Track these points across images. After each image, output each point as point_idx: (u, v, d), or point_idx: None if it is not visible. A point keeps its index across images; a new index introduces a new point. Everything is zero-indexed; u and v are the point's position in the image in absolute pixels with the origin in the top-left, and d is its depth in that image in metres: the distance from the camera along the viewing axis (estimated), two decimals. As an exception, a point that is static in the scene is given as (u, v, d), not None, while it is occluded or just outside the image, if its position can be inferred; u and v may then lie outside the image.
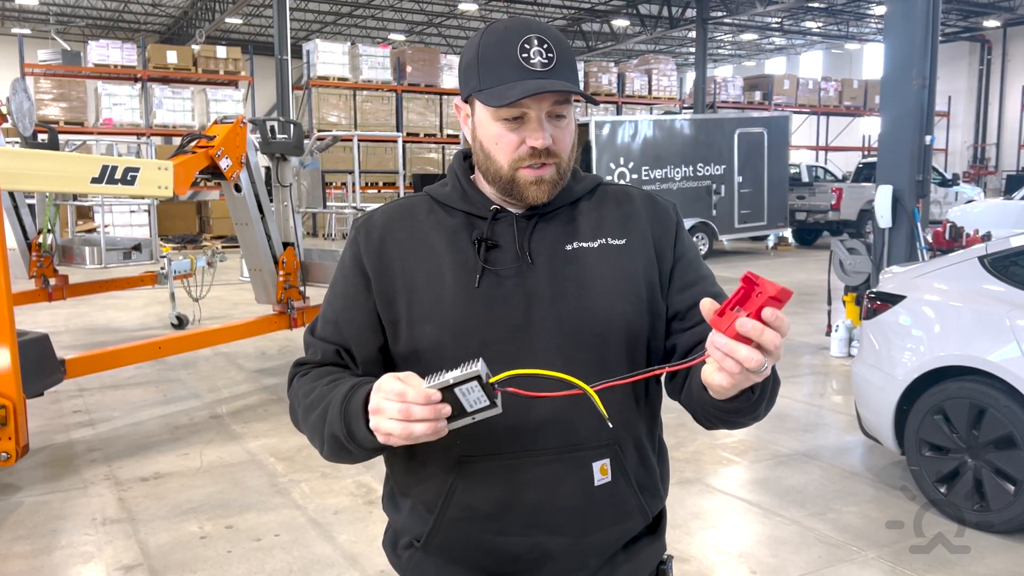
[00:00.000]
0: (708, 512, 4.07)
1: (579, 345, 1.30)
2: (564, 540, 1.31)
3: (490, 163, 1.32)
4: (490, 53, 1.27)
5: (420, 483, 1.35)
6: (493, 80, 1.26)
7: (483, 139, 1.31)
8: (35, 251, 7.98)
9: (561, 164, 1.31)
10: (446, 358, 1.28)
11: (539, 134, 1.26)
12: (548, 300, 1.30)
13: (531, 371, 1.14)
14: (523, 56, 1.24)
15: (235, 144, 5.90)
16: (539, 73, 1.24)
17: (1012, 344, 3.67)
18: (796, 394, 6.19)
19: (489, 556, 1.33)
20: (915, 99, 7.35)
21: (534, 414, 1.27)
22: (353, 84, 18.79)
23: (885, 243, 7.54)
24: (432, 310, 1.30)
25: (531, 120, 1.26)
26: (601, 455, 1.31)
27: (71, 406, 5.95)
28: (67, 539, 3.78)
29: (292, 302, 6.57)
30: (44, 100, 17.23)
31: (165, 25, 30.00)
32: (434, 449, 1.31)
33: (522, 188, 1.30)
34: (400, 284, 1.33)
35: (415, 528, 1.36)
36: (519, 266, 1.31)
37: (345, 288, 1.38)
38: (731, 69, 38.58)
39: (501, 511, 1.29)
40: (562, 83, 1.24)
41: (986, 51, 30.44)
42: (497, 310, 1.29)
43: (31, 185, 5.24)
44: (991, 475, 3.75)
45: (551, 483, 1.29)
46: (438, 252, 1.33)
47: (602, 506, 1.31)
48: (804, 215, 17.96)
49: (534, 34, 1.25)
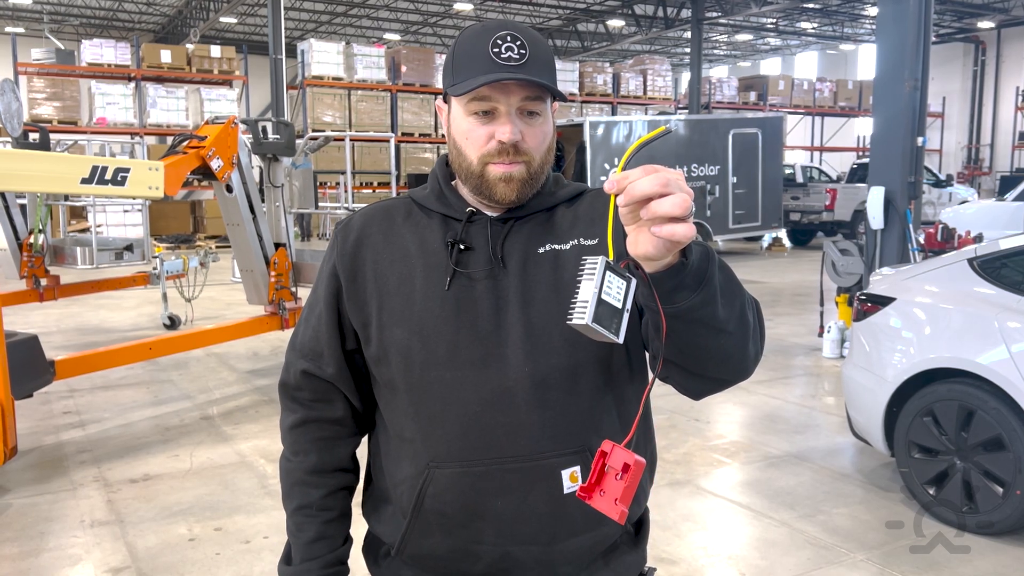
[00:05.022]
0: (698, 514, 4.07)
1: (549, 350, 1.28)
2: (534, 549, 1.29)
3: (462, 159, 1.31)
4: (464, 50, 1.27)
5: (397, 487, 1.35)
6: (464, 75, 1.26)
7: (455, 134, 1.31)
8: (26, 251, 7.95)
9: (532, 163, 1.29)
10: (415, 362, 1.29)
11: (506, 128, 1.25)
12: (518, 304, 1.28)
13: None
14: (494, 51, 1.24)
15: (226, 144, 5.88)
16: (508, 67, 1.23)
17: (1001, 347, 3.68)
18: (788, 395, 6.19)
19: (460, 564, 1.32)
20: (907, 100, 7.35)
21: (500, 421, 1.26)
22: (348, 84, 18.75)
23: (877, 244, 7.54)
24: (402, 313, 1.30)
25: (501, 115, 1.26)
26: (570, 462, 1.28)
27: (61, 407, 5.93)
28: (55, 541, 3.76)
29: (284, 303, 6.56)
30: (38, 99, 17.17)
31: (159, 24, 29.92)
32: (408, 454, 1.32)
33: (491, 185, 1.29)
34: (372, 287, 1.33)
35: (392, 535, 1.36)
36: (491, 269, 1.30)
37: (323, 291, 1.39)
38: (726, 70, 38.62)
39: (471, 519, 1.28)
40: (527, 76, 1.23)
41: (980, 52, 30.49)
42: (466, 313, 1.28)
43: (20, 186, 5.21)
44: (980, 477, 3.75)
45: (520, 491, 1.27)
46: (411, 255, 1.33)
47: (572, 513, 1.28)
48: (798, 216, 17.98)
49: (508, 31, 1.25)
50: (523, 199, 1.32)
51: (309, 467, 1.40)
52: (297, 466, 1.41)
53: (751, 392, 6.21)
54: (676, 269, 1.03)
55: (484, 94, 1.24)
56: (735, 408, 5.90)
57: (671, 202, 0.95)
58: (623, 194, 0.97)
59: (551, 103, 1.32)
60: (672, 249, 0.99)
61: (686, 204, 0.95)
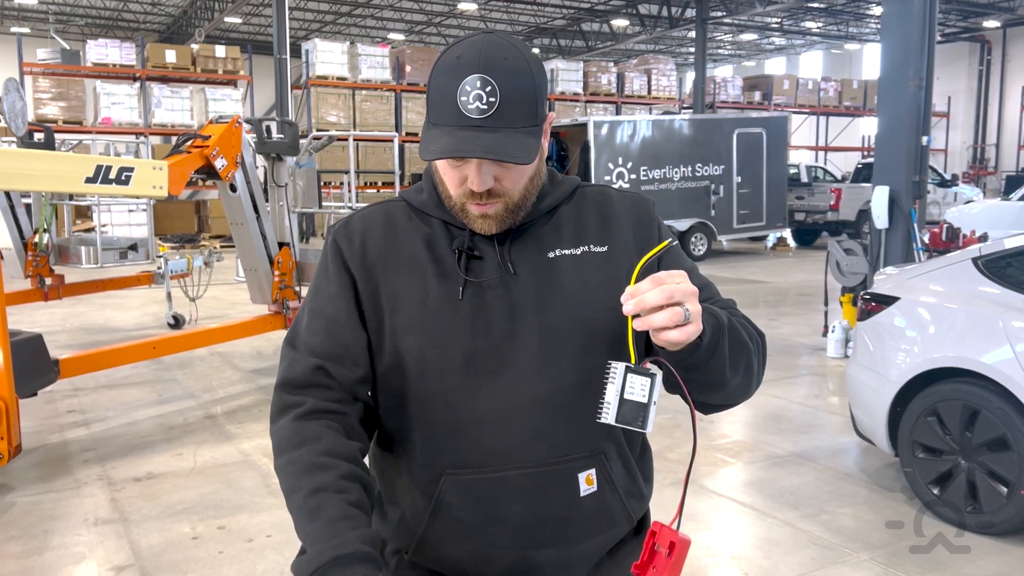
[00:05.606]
0: (701, 513, 4.06)
1: (563, 355, 1.29)
2: (551, 552, 1.30)
3: (442, 187, 1.32)
4: (437, 86, 1.22)
5: (408, 494, 1.34)
6: (434, 118, 1.23)
7: (436, 164, 1.31)
8: (31, 251, 7.97)
9: (510, 201, 1.28)
10: (429, 370, 1.28)
11: (476, 180, 1.23)
12: (532, 311, 1.29)
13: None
14: (462, 99, 1.18)
15: (230, 144, 5.89)
16: (472, 122, 1.18)
17: (1005, 346, 3.67)
18: (792, 395, 6.18)
19: (477, 568, 1.32)
20: (912, 100, 7.34)
21: (518, 427, 1.27)
22: (352, 84, 18.77)
23: (881, 244, 7.53)
24: (415, 321, 1.29)
25: (471, 163, 1.23)
26: (586, 465, 1.30)
27: (66, 406, 5.95)
28: (59, 540, 3.77)
29: (287, 302, 6.56)
30: (43, 99, 17.22)
31: (164, 24, 29.99)
32: (420, 462, 1.31)
33: (471, 220, 1.30)
34: (384, 292, 1.31)
35: (402, 539, 1.36)
36: (501, 276, 1.29)
37: (336, 291, 1.33)
38: (731, 69, 38.57)
39: (487, 524, 1.29)
40: (479, 148, 1.17)
41: (986, 51, 30.42)
42: (480, 322, 1.28)
43: (24, 185, 5.23)
44: (984, 477, 3.74)
45: (537, 496, 1.28)
46: (420, 261, 1.31)
47: (589, 516, 1.30)
48: (803, 215, 17.94)
49: (479, 75, 1.18)
50: (506, 228, 1.31)
51: (321, 450, 1.24)
52: (307, 452, 1.24)
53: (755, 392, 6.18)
54: (691, 349, 1.17)
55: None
56: (739, 408, 5.88)
57: (663, 317, 1.10)
58: (635, 305, 1.11)
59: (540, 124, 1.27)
60: (679, 346, 1.14)
61: (678, 317, 1.10)
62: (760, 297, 11.24)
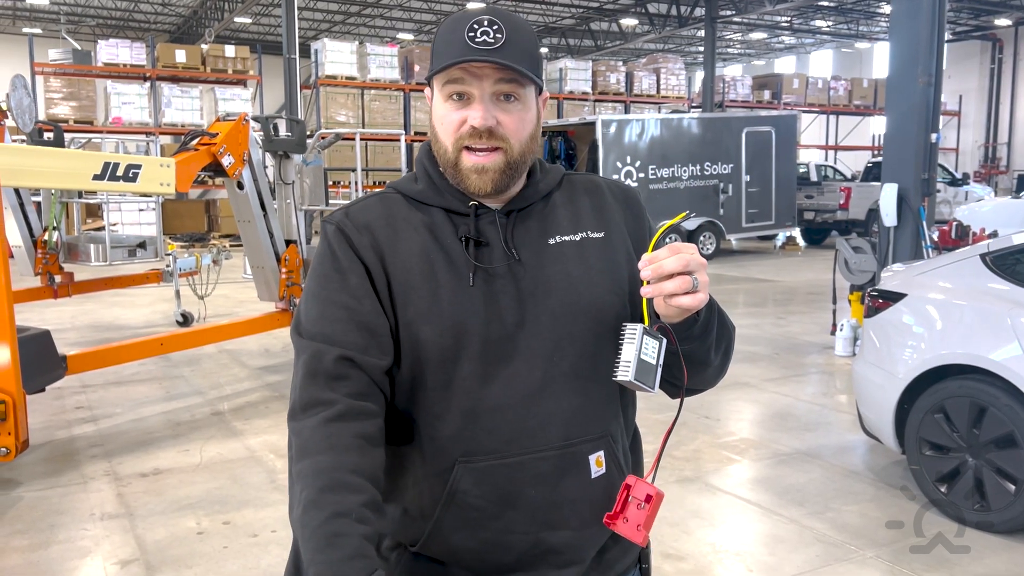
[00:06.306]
0: (706, 511, 4.05)
1: (572, 339, 1.30)
2: (566, 534, 1.31)
3: (438, 145, 1.31)
4: (443, 36, 1.27)
5: (415, 486, 1.33)
6: (440, 60, 1.26)
7: (433, 120, 1.32)
8: (40, 248, 8.02)
9: (510, 152, 1.27)
10: (445, 359, 1.27)
11: (478, 112, 1.24)
12: (540, 296, 1.30)
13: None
14: (470, 35, 1.23)
15: (238, 141, 5.91)
16: (481, 50, 1.22)
17: (1014, 343, 3.64)
18: (800, 393, 6.15)
19: (490, 555, 1.32)
20: (921, 97, 7.30)
21: (533, 412, 1.28)
22: (361, 83, 18.80)
23: (890, 242, 7.49)
24: (429, 310, 1.27)
25: (475, 99, 1.25)
26: (596, 447, 1.33)
27: (74, 402, 5.98)
28: (65, 534, 3.79)
29: (294, 299, 6.58)
30: (54, 99, 17.32)
31: (175, 24, 30.13)
32: (431, 452, 1.30)
33: (464, 176, 1.28)
34: (395, 284, 1.29)
35: (406, 534, 1.34)
36: (508, 263, 1.30)
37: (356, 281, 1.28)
38: (740, 68, 38.47)
39: (503, 510, 1.29)
40: (497, 58, 1.22)
41: (997, 50, 30.22)
42: (493, 308, 1.28)
43: (33, 182, 5.26)
44: (992, 474, 3.71)
45: (552, 479, 1.29)
46: (427, 251, 1.30)
47: (599, 497, 1.32)
48: (812, 214, 17.87)
49: (487, 16, 1.24)
50: (501, 190, 1.30)
51: (352, 466, 1.16)
52: (336, 464, 1.16)
53: (762, 390, 6.18)
54: (689, 323, 1.25)
55: (456, 76, 1.24)
56: (746, 405, 5.87)
57: (675, 284, 1.17)
58: (653, 271, 1.17)
59: (536, 94, 1.30)
60: (684, 315, 1.22)
61: (687, 285, 1.17)
62: (769, 296, 11.20)
